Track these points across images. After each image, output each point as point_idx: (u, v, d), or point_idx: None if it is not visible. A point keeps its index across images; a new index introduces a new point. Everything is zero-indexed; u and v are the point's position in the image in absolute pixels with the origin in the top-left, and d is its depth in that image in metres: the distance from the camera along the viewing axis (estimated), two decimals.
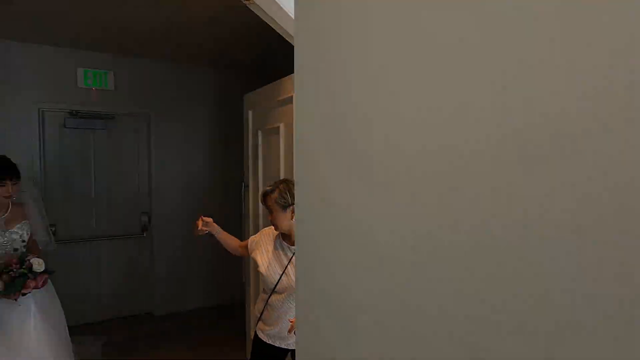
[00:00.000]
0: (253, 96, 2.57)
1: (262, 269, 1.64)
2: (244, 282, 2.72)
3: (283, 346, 1.64)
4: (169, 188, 3.57)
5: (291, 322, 1.53)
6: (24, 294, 1.86)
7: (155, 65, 3.45)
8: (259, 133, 2.49)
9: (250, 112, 2.60)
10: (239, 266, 3.58)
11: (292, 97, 1.98)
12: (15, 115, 2.99)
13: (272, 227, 1.65)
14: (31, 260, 1.89)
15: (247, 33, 2.76)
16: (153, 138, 3.49)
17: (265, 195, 1.59)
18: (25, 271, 1.85)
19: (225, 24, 2.58)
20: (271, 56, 3.27)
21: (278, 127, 2.23)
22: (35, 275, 1.88)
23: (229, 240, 1.85)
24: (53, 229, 2.61)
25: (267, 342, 1.67)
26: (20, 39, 2.91)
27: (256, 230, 2.53)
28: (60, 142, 3.19)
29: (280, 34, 1.66)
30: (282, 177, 2.22)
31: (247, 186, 2.65)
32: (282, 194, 1.55)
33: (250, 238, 1.79)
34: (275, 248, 1.66)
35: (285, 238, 1.64)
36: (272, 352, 1.66)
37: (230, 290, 3.84)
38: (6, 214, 2.00)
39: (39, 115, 3.08)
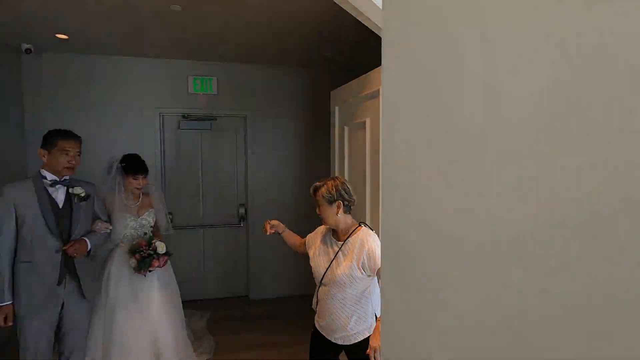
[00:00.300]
0: (339, 92, 2.61)
1: (312, 262, 1.74)
2: None
3: (332, 340, 1.68)
4: (263, 183, 3.85)
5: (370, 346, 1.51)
6: (150, 271, 2.22)
7: (251, 69, 3.74)
8: (345, 129, 2.52)
9: (336, 108, 2.65)
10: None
11: (378, 90, 1.95)
12: (141, 119, 3.55)
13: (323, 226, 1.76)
14: (156, 244, 2.24)
15: (334, 31, 2.80)
16: (249, 137, 3.79)
17: (316, 190, 1.67)
18: (152, 252, 2.20)
19: (313, 24, 2.67)
20: (358, 52, 3.27)
21: (364, 122, 2.22)
22: (159, 256, 2.23)
23: (292, 239, 1.96)
24: (170, 216, 3.03)
25: (321, 332, 1.73)
26: (144, 55, 3.44)
27: None
28: (176, 141, 3.69)
29: (367, 25, 1.65)
30: (367, 172, 2.22)
31: None
32: (329, 189, 1.63)
33: (307, 236, 1.88)
34: (323, 243, 1.73)
35: (334, 233, 1.71)
36: (325, 343, 1.71)
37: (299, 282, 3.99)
38: (137, 203, 2.37)
39: (159, 119, 3.61)
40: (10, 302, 1.81)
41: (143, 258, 2.18)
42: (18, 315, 1.84)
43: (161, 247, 2.24)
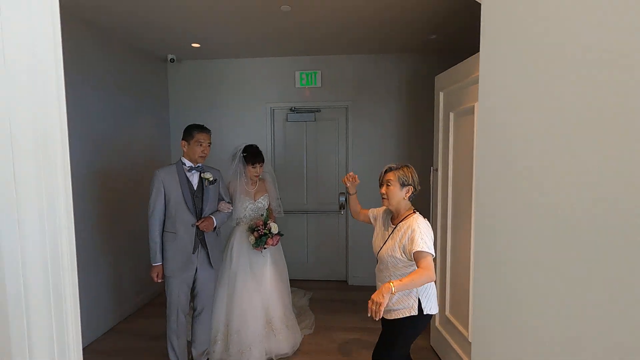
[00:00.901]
0: (445, 76, 2.48)
1: (374, 239, 1.91)
2: None
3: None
4: (363, 171, 3.90)
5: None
6: (264, 248, 2.51)
7: (353, 59, 3.82)
8: (450, 115, 2.39)
9: (441, 94, 2.52)
10: None
11: None
12: (253, 113, 3.96)
13: (384, 207, 1.88)
14: (270, 224, 2.51)
15: (442, 11, 2.66)
16: (350, 126, 3.89)
17: (391, 169, 1.78)
18: (267, 232, 2.49)
19: (421, 8, 2.58)
20: (465, 33, 3.04)
21: (472, 107, 2.08)
22: (272, 235, 2.49)
23: (356, 205, 2.11)
24: (280, 201, 3.33)
25: None
26: (257, 55, 3.82)
27: (444, 215, 2.47)
28: (284, 132, 4.02)
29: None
30: (474, 159, 2.07)
31: (436, 170, 2.60)
32: (406, 173, 1.75)
33: (371, 210, 2.02)
34: (383, 224, 1.89)
35: (392, 217, 1.83)
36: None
37: None
38: (255, 189, 2.66)
39: (270, 113, 3.98)
40: (160, 263, 2.23)
41: (260, 236, 2.47)
42: (165, 274, 2.25)
43: (274, 228, 2.51)
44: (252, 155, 2.57)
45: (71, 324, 0.53)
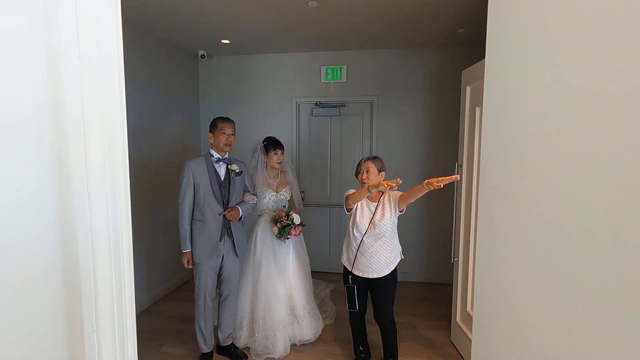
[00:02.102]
0: (472, 71, 2.46)
1: (357, 220, 2.23)
2: (453, 262, 2.70)
3: (369, 277, 2.23)
4: (388, 166, 3.91)
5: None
6: (287, 238, 2.59)
7: (378, 54, 3.81)
8: (477, 110, 2.37)
9: (468, 89, 2.50)
10: (449, 246, 3.56)
11: None
12: (279, 107, 4.04)
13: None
14: (292, 215, 2.59)
15: (466, 6, 2.63)
16: (374, 121, 3.90)
17: (369, 159, 2.25)
18: (290, 222, 2.56)
19: (444, 2, 2.56)
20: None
21: None
22: (295, 226, 2.57)
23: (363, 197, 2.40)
24: (302, 194, 3.42)
25: (359, 275, 2.25)
26: (283, 50, 3.88)
27: (468, 211, 2.46)
28: (309, 127, 4.08)
29: None
30: (480, 158, 2.06)
31: (461, 166, 2.59)
32: (380, 161, 2.28)
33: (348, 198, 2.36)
34: (363, 208, 2.25)
35: (370, 198, 2.26)
36: (360, 282, 2.26)
37: (439, 269, 3.90)
38: (277, 181, 2.74)
39: (295, 107, 4.05)
40: (189, 250, 2.33)
41: (283, 227, 2.56)
42: (194, 260, 2.35)
43: (297, 219, 2.59)
44: (272, 142, 2.67)
45: (127, 285, 0.61)
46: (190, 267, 2.36)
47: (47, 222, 0.56)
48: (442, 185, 1.81)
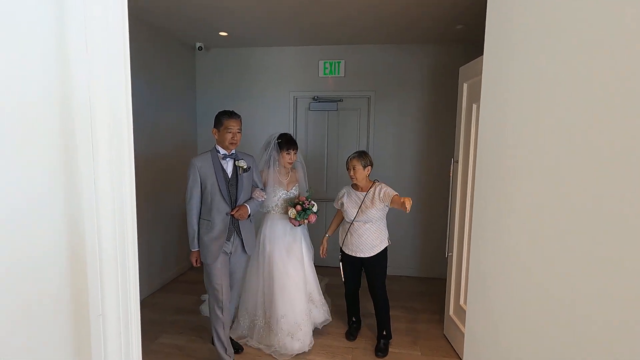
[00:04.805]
0: (469, 67, 2.48)
1: (345, 209, 2.54)
2: (447, 256, 2.75)
3: (359, 256, 2.53)
4: (383, 161, 3.95)
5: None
6: (306, 222, 2.57)
7: (376, 49, 3.82)
8: (474, 107, 2.39)
9: (465, 85, 2.52)
10: (443, 241, 3.61)
11: None
12: (276, 101, 4.04)
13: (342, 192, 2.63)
14: (312, 202, 2.58)
15: (464, 2, 2.64)
16: (372, 116, 3.92)
17: (354, 157, 2.50)
18: (310, 207, 2.55)
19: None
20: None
21: None
22: (312, 212, 2.56)
23: (337, 223, 2.82)
24: (311, 190, 3.28)
25: (350, 254, 2.56)
26: (281, 44, 3.87)
27: (463, 206, 2.50)
28: (306, 121, 4.09)
29: None
30: (476, 157, 2.09)
31: (457, 162, 2.62)
32: (365, 157, 2.50)
33: (337, 204, 2.66)
34: (349, 197, 2.56)
35: (355, 187, 2.56)
36: (351, 260, 2.59)
37: (433, 264, 3.95)
38: (287, 179, 2.65)
39: (293, 101, 4.05)
40: (197, 249, 2.23)
41: (304, 209, 2.52)
42: (202, 261, 2.23)
43: (314, 206, 2.59)
44: (286, 141, 2.57)
45: (132, 276, 0.63)
46: (198, 265, 2.27)
47: (55, 208, 0.57)
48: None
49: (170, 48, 3.67)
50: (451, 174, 2.70)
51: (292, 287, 2.52)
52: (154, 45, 3.42)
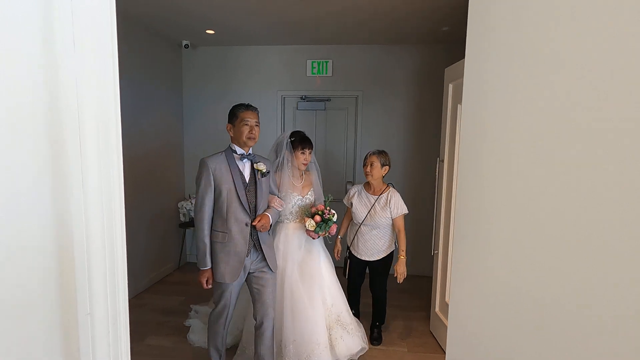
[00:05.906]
0: (454, 68, 2.53)
1: (354, 210, 2.54)
2: (433, 254, 2.79)
3: (365, 259, 2.56)
4: None
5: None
6: (327, 234, 2.23)
7: (364, 50, 3.85)
8: (459, 107, 2.44)
9: (450, 86, 2.57)
10: (430, 239, 3.67)
11: None
12: (265, 100, 4.03)
13: (353, 191, 2.61)
14: (332, 211, 2.27)
15: (448, 4, 2.69)
16: (359, 116, 3.95)
17: (374, 154, 2.47)
18: (332, 217, 2.25)
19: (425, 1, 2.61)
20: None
21: None
22: (334, 222, 2.27)
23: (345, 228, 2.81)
24: (330, 197, 2.85)
25: (357, 255, 2.58)
26: (269, 43, 3.87)
27: (448, 205, 2.55)
28: (294, 120, 4.09)
29: None
30: (458, 156, 2.14)
31: (442, 161, 2.67)
32: (385, 156, 2.49)
33: (347, 201, 2.62)
34: (359, 197, 2.55)
35: (368, 189, 2.55)
36: (357, 261, 2.60)
37: (420, 262, 4.01)
38: (302, 182, 2.35)
39: (281, 100, 4.04)
40: (209, 267, 1.90)
41: (324, 220, 2.20)
42: (215, 280, 1.92)
43: (335, 216, 2.29)
44: (300, 139, 2.31)
45: (120, 274, 0.63)
46: (209, 287, 1.95)
47: (42, 207, 0.57)
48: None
49: (157, 46, 3.62)
50: (437, 173, 2.74)
51: (303, 312, 2.19)
52: (138, 41, 3.37)
